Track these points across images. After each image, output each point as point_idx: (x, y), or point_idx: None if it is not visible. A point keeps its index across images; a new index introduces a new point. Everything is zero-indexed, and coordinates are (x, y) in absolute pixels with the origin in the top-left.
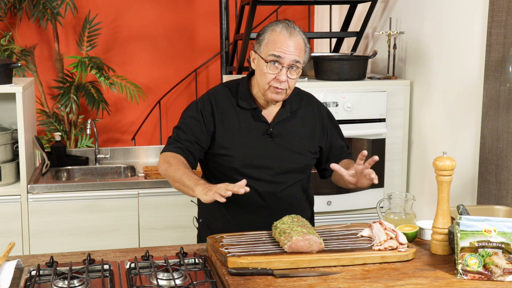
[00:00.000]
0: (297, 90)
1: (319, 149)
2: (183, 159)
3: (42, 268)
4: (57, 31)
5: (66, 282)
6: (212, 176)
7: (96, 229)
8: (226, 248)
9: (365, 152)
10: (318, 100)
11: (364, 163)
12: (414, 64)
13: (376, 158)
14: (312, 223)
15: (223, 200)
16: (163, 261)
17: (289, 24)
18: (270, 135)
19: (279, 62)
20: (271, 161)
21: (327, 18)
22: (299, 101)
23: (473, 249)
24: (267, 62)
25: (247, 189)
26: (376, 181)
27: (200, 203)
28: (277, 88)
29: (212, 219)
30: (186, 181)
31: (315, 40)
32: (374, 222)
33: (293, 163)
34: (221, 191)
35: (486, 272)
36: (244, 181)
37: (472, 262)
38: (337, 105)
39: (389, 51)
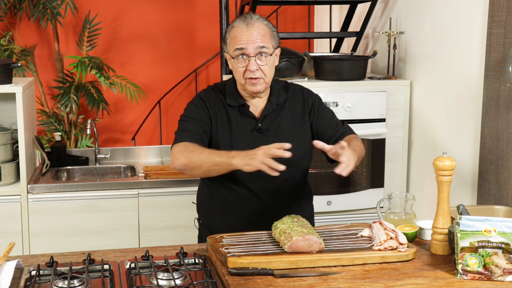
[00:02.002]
0: (283, 84)
1: (313, 133)
2: (199, 145)
3: (42, 268)
4: (57, 31)
5: (66, 282)
6: None
7: (96, 229)
8: (226, 248)
9: (344, 144)
10: (307, 88)
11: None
12: (414, 64)
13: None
14: (312, 221)
15: (274, 172)
16: (163, 261)
17: (246, 16)
18: (259, 131)
19: (244, 54)
20: None
21: (327, 18)
22: (285, 93)
23: (473, 249)
24: (234, 58)
25: (288, 152)
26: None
27: (198, 204)
28: (252, 78)
29: (210, 219)
30: (217, 159)
31: (315, 40)
32: (374, 222)
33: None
34: (267, 162)
35: (486, 272)
36: (287, 145)
37: (472, 262)
38: (337, 105)
39: (389, 51)
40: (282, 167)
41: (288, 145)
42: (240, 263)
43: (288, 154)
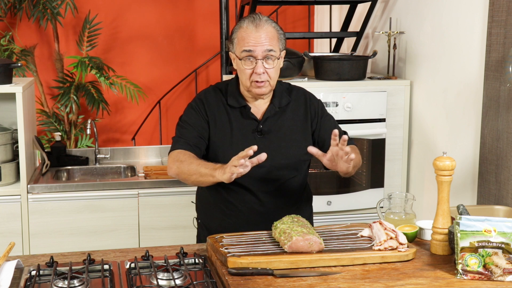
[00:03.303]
0: (287, 86)
1: (315, 141)
2: (192, 154)
3: (42, 268)
4: (57, 31)
5: (66, 282)
6: None
7: (96, 229)
8: (226, 248)
9: (336, 131)
10: (310, 92)
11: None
12: (414, 64)
13: (345, 137)
14: (311, 221)
15: (240, 171)
16: (163, 261)
17: (254, 17)
18: (260, 132)
19: (252, 56)
20: None
21: (327, 18)
22: (288, 95)
23: (473, 249)
24: (241, 59)
25: (255, 147)
26: (352, 156)
27: (197, 203)
28: (257, 82)
29: (209, 219)
30: (203, 170)
31: (315, 40)
32: (374, 222)
33: (285, 158)
34: (234, 165)
35: (486, 272)
36: (254, 147)
37: (472, 262)
38: (337, 105)
39: (389, 51)
40: (264, 157)
41: (255, 148)
42: (240, 263)
43: (251, 152)
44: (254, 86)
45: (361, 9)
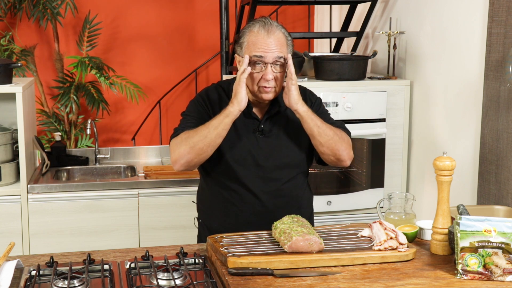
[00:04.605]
0: None
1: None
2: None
3: (42, 268)
4: (57, 31)
5: (66, 282)
6: (205, 174)
7: (96, 229)
8: (226, 248)
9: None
10: (310, 90)
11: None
12: (414, 64)
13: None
14: (312, 221)
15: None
16: (163, 261)
17: (265, 22)
18: (261, 132)
19: (262, 62)
20: (263, 158)
21: (327, 18)
22: None
23: (473, 249)
24: (250, 64)
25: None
26: (291, 68)
27: (198, 203)
28: (265, 87)
29: (210, 219)
30: (214, 121)
31: (315, 40)
32: (374, 222)
33: (286, 158)
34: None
35: (486, 272)
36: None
37: (472, 262)
38: (337, 105)
39: (389, 51)
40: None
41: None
42: (240, 263)
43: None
44: (261, 91)
45: (361, 9)
